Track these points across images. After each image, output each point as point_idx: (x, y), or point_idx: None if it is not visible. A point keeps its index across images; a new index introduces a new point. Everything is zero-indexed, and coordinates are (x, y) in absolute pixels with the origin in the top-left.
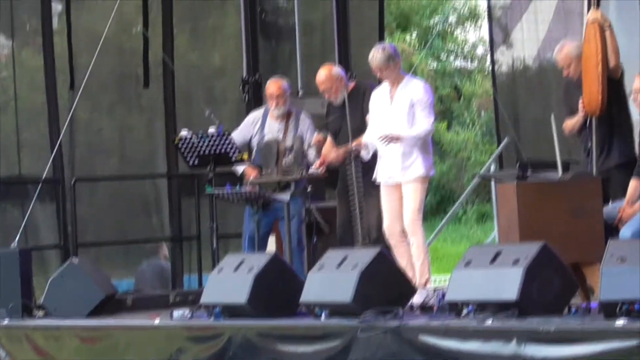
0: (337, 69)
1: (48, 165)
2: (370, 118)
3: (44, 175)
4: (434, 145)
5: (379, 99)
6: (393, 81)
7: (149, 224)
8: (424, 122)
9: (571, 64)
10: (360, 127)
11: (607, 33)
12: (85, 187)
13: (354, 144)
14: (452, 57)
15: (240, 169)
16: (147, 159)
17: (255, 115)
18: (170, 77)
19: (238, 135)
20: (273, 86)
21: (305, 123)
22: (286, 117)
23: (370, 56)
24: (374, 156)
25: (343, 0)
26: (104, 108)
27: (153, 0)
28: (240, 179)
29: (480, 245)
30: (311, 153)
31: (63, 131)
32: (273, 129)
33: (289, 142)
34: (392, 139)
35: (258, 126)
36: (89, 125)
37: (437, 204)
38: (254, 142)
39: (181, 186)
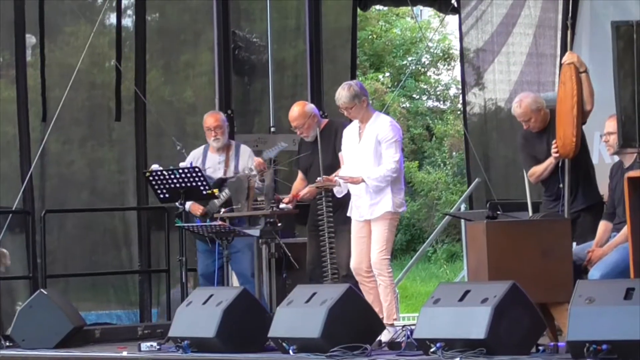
0: (310, 106)
1: (18, 197)
2: (343, 156)
3: (14, 206)
4: (405, 185)
5: (349, 137)
6: (362, 119)
7: (118, 257)
8: (388, 162)
9: (531, 118)
10: (332, 164)
11: (583, 77)
12: (55, 219)
13: (324, 180)
14: (424, 97)
15: (187, 205)
16: (118, 192)
17: (196, 152)
18: (142, 111)
19: None
20: (211, 119)
21: (245, 153)
22: (226, 149)
23: (336, 95)
24: (347, 194)
25: (316, 39)
26: (76, 141)
27: (126, 35)
28: (187, 215)
29: (449, 283)
30: (254, 179)
31: (34, 163)
32: (214, 162)
33: (230, 173)
34: (350, 181)
35: (200, 162)
36: (60, 158)
37: (407, 242)
38: None
39: (151, 219)
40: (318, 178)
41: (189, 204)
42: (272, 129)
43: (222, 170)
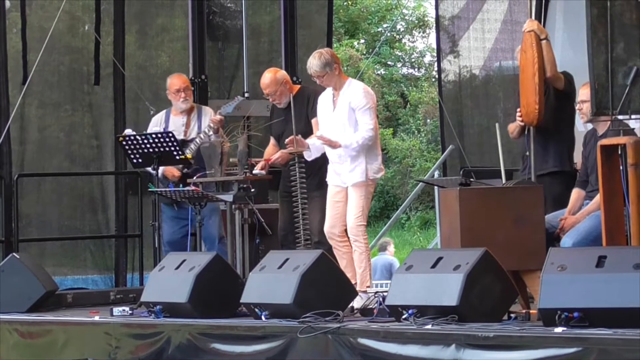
0: (281, 73)
1: None
2: (319, 122)
3: None
4: (381, 150)
5: (324, 104)
6: (334, 86)
7: (95, 222)
8: (363, 129)
9: None
10: (305, 131)
11: (544, 44)
12: (32, 183)
13: (295, 141)
14: (399, 64)
15: (160, 170)
16: (93, 157)
17: (158, 117)
18: (120, 76)
19: None
20: (178, 80)
21: (208, 113)
22: (188, 111)
23: (307, 63)
24: (320, 160)
25: (291, 4)
26: (52, 105)
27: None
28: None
29: (422, 250)
30: (211, 134)
31: (7, 126)
32: (177, 124)
33: (193, 134)
34: (329, 143)
35: (163, 125)
36: (38, 122)
37: (380, 209)
38: None
39: (128, 184)
40: (287, 140)
41: (162, 169)
42: (247, 95)
43: (182, 134)
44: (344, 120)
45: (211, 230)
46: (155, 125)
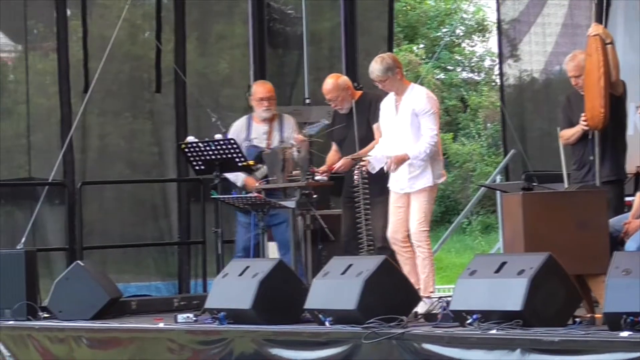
0: (343, 78)
1: (54, 169)
2: (381, 128)
3: (50, 178)
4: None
5: (386, 109)
6: (397, 91)
7: (157, 229)
8: (427, 134)
9: (581, 74)
10: (366, 137)
11: (609, 48)
12: (95, 191)
13: (359, 154)
14: (459, 69)
15: (239, 180)
16: (155, 164)
17: (240, 123)
18: (181, 83)
19: None
20: (263, 88)
21: (289, 124)
22: (270, 119)
23: (370, 68)
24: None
25: (351, 10)
26: (113, 113)
27: (163, 7)
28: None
29: (485, 254)
30: (295, 153)
31: (70, 134)
32: (259, 132)
33: (275, 142)
34: (398, 164)
35: (245, 132)
36: (99, 130)
37: (442, 214)
38: (243, 148)
39: (190, 191)
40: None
41: (242, 178)
42: (307, 101)
43: (265, 142)
44: (406, 125)
45: (287, 236)
46: (237, 131)
